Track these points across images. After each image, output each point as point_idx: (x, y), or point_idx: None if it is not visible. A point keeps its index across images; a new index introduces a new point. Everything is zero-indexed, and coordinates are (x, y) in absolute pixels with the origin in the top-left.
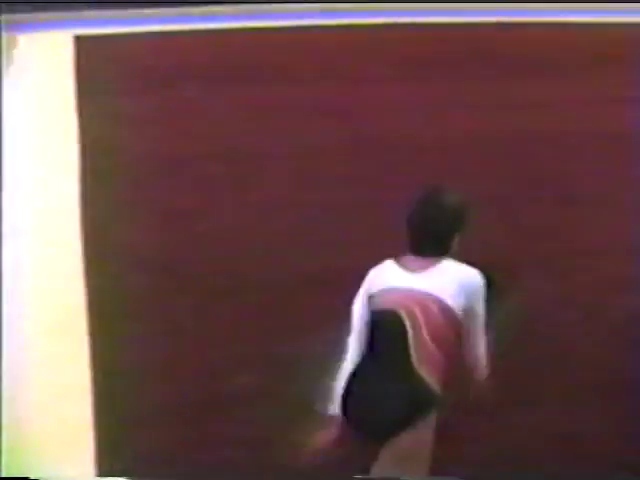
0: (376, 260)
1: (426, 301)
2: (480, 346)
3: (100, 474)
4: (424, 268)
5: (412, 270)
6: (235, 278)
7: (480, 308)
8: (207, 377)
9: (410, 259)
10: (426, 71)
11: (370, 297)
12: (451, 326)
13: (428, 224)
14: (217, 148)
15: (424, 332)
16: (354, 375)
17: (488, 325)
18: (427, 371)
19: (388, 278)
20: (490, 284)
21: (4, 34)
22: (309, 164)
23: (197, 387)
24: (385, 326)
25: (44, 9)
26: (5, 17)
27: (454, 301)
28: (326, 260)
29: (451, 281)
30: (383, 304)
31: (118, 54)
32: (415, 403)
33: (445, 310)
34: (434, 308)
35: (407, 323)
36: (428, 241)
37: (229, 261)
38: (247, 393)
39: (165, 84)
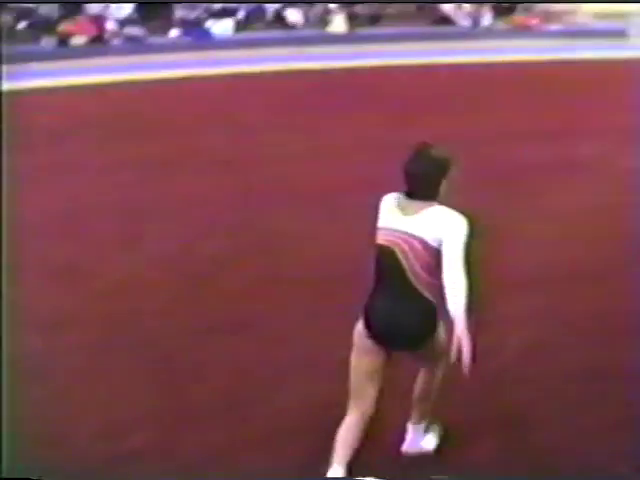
0: (269, 309)
1: (413, 241)
2: (457, 269)
3: None
4: (415, 212)
5: (406, 213)
6: (130, 334)
7: (457, 243)
8: (103, 436)
9: (407, 202)
10: (313, 117)
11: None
12: (432, 257)
13: (419, 173)
14: (107, 203)
15: (414, 262)
16: (372, 296)
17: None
18: (424, 288)
19: (388, 218)
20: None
21: None
22: (200, 214)
23: (93, 446)
24: (385, 259)
25: None
26: None
27: (434, 240)
28: (223, 311)
29: (434, 224)
30: (382, 240)
31: (4, 110)
32: (428, 314)
33: (426, 247)
34: (418, 246)
35: (400, 257)
36: (420, 187)
37: (122, 317)
38: (143, 451)
39: (52, 140)
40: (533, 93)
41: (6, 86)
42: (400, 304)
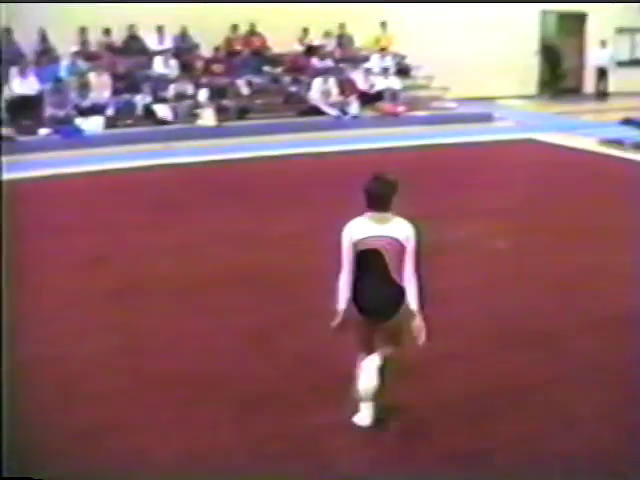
0: (144, 408)
1: (391, 242)
2: (411, 263)
3: None
4: (385, 221)
5: (381, 224)
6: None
7: (413, 241)
8: None
9: (374, 215)
10: (182, 211)
11: (355, 242)
12: (403, 252)
13: (379, 193)
14: None
15: (393, 257)
16: (360, 285)
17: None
18: (397, 278)
19: (366, 229)
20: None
21: None
22: (79, 314)
23: None
24: (372, 258)
25: None
26: None
27: (403, 239)
28: (97, 411)
29: (400, 229)
30: (368, 245)
31: None
32: (396, 294)
33: (400, 245)
34: (396, 245)
35: (385, 255)
36: (380, 202)
37: None
38: None
39: None
40: (401, 179)
41: None
42: (379, 288)
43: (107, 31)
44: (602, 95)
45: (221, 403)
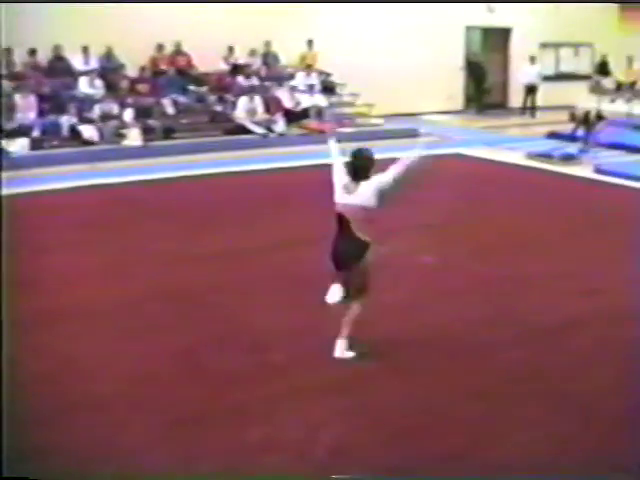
0: (69, 435)
1: (355, 208)
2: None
3: None
4: (353, 190)
5: (348, 192)
6: None
7: (379, 178)
8: None
9: (350, 184)
10: (107, 232)
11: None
12: (367, 214)
13: (360, 165)
14: None
15: (355, 219)
16: (334, 239)
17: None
18: (362, 235)
19: (339, 196)
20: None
21: None
22: (6, 339)
23: None
24: (341, 219)
25: None
26: None
27: (369, 202)
28: (20, 439)
29: (366, 191)
30: (339, 210)
31: None
32: (362, 248)
33: (364, 208)
34: (359, 210)
35: (349, 218)
36: (361, 173)
37: None
38: None
39: None
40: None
41: None
42: (345, 243)
43: (32, 52)
44: (531, 111)
45: (151, 424)
